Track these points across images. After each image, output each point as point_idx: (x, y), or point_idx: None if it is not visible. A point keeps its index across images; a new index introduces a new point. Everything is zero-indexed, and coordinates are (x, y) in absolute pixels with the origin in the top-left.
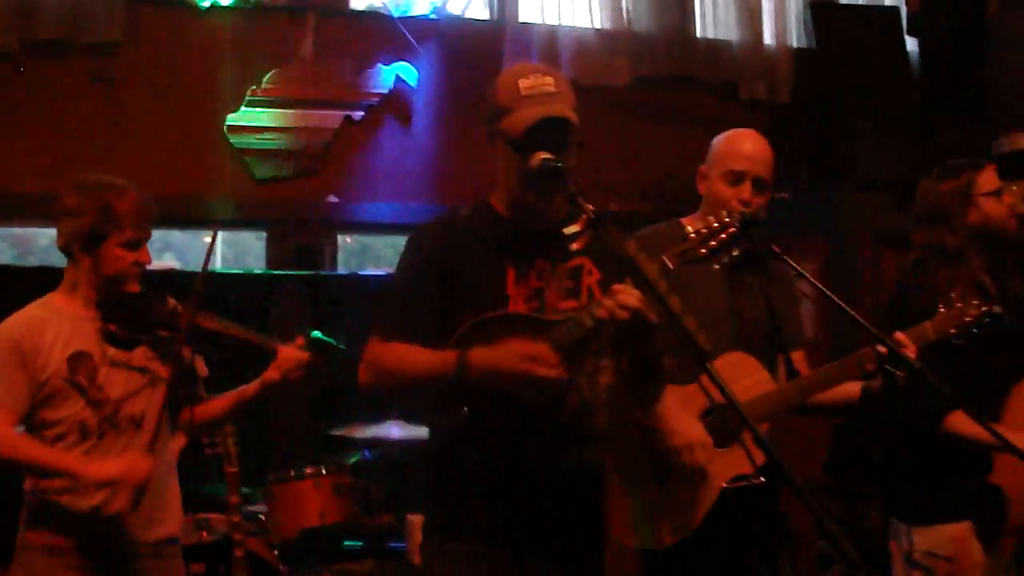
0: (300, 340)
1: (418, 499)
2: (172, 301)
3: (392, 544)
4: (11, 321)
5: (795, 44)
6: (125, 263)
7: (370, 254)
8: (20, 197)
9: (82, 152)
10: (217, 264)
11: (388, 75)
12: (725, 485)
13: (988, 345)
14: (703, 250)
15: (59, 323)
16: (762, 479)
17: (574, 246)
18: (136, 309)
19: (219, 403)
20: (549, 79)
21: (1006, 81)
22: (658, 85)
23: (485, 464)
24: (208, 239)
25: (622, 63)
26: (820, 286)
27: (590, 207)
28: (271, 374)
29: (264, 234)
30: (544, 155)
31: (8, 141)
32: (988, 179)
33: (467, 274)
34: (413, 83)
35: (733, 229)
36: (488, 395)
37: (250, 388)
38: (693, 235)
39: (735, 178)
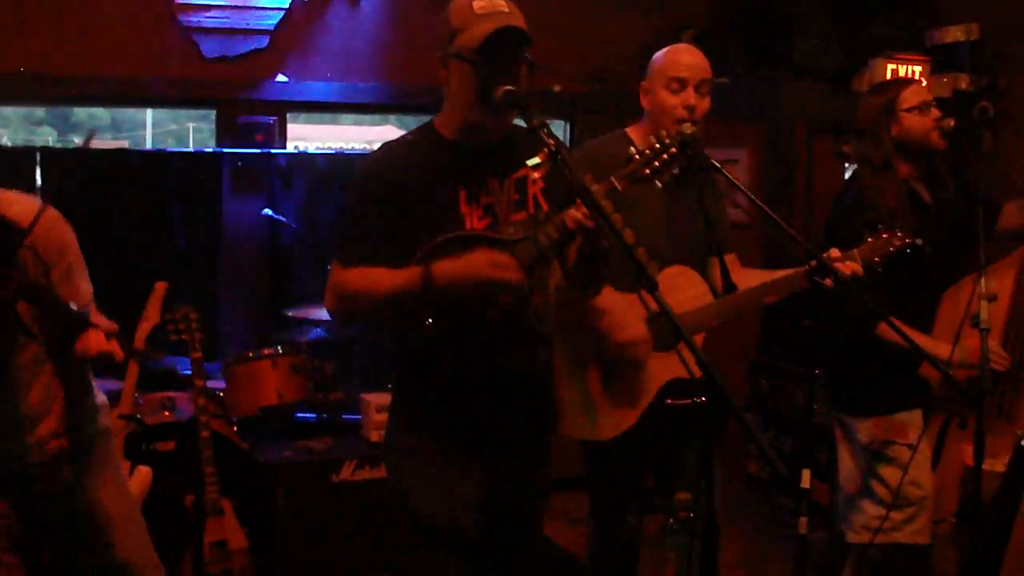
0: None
1: (368, 376)
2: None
3: (346, 416)
4: None
5: None
6: None
7: None
8: None
9: (29, 31)
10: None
11: None
12: (669, 402)
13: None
14: (647, 170)
15: None
16: (703, 398)
17: (535, 175)
18: None
19: None
20: (501, 1)
21: None
22: None
23: (448, 371)
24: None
25: None
26: (756, 200)
27: (551, 141)
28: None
29: (213, 113)
30: (508, 87)
31: None
32: (913, 94)
33: (420, 198)
34: None
35: (674, 150)
36: (452, 306)
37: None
38: (637, 156)
39: (678, 85)
